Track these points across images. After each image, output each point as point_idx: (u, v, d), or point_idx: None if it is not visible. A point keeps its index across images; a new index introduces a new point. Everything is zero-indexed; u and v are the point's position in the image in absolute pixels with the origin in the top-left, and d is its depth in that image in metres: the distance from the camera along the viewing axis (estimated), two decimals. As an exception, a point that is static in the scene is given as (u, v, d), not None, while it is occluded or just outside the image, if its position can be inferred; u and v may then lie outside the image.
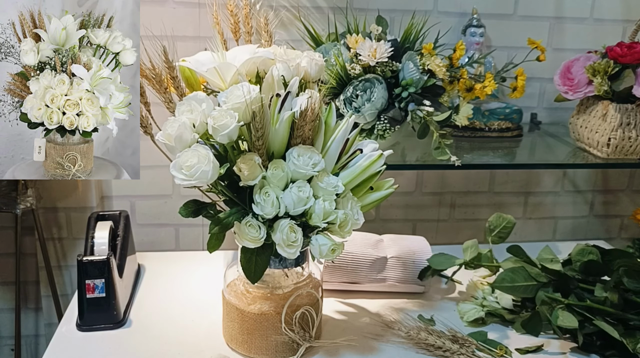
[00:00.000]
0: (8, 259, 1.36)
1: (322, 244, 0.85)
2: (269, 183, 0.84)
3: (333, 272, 1.14)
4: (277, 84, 0.88)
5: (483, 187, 1.52)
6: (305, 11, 1.30)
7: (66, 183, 1.31)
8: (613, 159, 1.23)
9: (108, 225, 1.10)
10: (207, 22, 1.24)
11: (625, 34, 1.44)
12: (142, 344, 0.99)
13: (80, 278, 1.00)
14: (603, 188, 1.59)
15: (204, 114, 0.84)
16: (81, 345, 0.99)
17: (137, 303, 1.12)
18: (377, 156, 0.89)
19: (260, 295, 0.97)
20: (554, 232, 1.59)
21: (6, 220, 1.34)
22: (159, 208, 1.39)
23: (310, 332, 0.97)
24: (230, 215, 0.86)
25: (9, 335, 1.43)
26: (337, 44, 1.17)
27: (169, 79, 0.95)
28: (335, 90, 1.13)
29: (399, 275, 1.15)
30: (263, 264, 0.88)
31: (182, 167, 0.81)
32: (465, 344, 0.98)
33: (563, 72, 1.26)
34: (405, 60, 1.12)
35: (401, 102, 1.11)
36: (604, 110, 1.21)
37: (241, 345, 0.97)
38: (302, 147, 0.86)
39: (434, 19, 1.30)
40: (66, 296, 1.38)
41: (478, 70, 1.34)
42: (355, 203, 0.89)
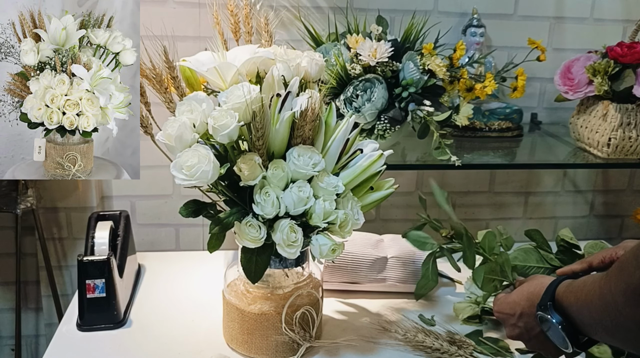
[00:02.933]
0: (8, 259, 1.36)
1: (322, 244, 0.85)
2: (269, 183, 0.84)
3: (333, 272, 1.14)
4: (277, 84, 0.88)
5: (483, 187, 1.52)
6: (306, 11, 1.30)
7: (66, 183, 1.31)
8: (613, 159, 1.23)
9: (108, 225, 1.10)
10: (207, 22, 1.24)
11: (625, 34, 1.44)
12: (142, 344, 0.99)
13: (81, 278, 1.00)
14: (603, 188, 1.59)
15: (204, 113, 0.84)
16: (81, 345, 0.99)
17: (137, 303, 1.12)
18: (377, 156, 0.89)
19: (261, 295, 0.97)
20: (554, 232, 1.59)
21: (6, 220, 1.33)
22: (159, 208, 1.39)
23: (310, 332, 0.97)
24: (231, 215, 0.86)
25: (9, 335, 1.42)
26: (337, 44, 1.17)
27: (169, 79, 0.95)
28: (336, 90, 1.13)
29: (399, 275, 1.15)
30: (263, 264, 0.88)
31: (183, 167, 0.81)
32: (464, 346, 0.98)
33: (563, 72, 1.26)
34: (406, 60, 1.12)
35: (401, 102, 1.11)
36: (604, 110, 1.21)
37: (241, 345, 0.97)
38: (303, 147, 0.86)
39: (434, 19, 1.30)
40: (66, 296, 1.38)
41: (478, 70, 1.34)
42: (356, 203, 0.89)
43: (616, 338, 0.61)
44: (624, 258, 0.57)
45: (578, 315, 0.67)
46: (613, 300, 0.58)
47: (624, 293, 0.56)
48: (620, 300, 0.56)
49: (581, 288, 0.66)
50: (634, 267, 0.54)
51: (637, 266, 0.54)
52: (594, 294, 0.62)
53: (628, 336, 0.58)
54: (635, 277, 0.54)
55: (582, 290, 0.66)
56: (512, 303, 0.81)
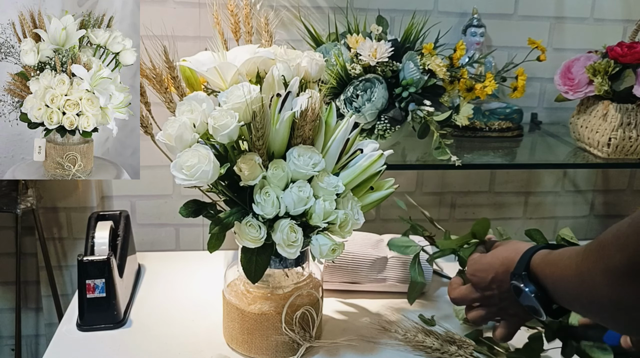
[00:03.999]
0: (8, 259, 1.36)
1: (322, 244, 0.85)
2: (269, 183, 0.84)
3: (333, 272, 1.14)
4: (277, 83, 0.88)
5: (483, 187, 1.52)
6: (306, 11, 1.30)
7: (66, 183, 1.31)
8: (613, 158, 1.23)
9: (108, 225, 1.10)
10: (207, 22, 1.24)
11: (625, 34, 1.44)
12: (142, 344, 0.99)
13: (81, 278, 1.00)
14: (603, 188, 1.59)
15: (204, 113, 0.84)
16: (81, 345, 0.99)
17: (137, 303, 1.12)
18: (377, 156, 0.89)
19: (261, 295, 0.97)
20: (554, 232, 1.59)
21: (6, 220, 1.33)
22: (159, 208, 1.39)
23: (310, 332, 0.97)
24: (231, 215, 0.86)
25: (9, 335, 1.42)
26: (337, 44, 1.17)
27: (169, 79, 0.95)
28: (336, 90, 1.13)
29: (399, 275, 1.15)
30: (263, 264, 0.87)
31: (183, 167, 0.81)
32: (463, 346, 0.98)
33: (563, 72, 1.26)
34: (406, 60, 1.12)
35: (401, 102, 1.11)
36: (605, 110, 1.21)
37: (241, 345, 0.97)
38: (303, 147, 0.86)
39: (434, 18, 1.30)
40: (66, 296, 1.38)
41: (478, 70, 1.34)
42: (356, 203, 0.89)
43: (590, 313, 0.63)
44: (604, 238, 0.57)
45: (553, 288, 0.67)
46: (590, 278, 0.58)
47: (603, 273, 0.56)
48: (599, 279, 0.56)
49: (557, 262, 0.66)
50: (615, 248, 0.54)
51: (617, 248, 0.54)
52: (571, 270, 0.62)
53: (602, 312, 0.59)
54: (616, 259, 0.54)
55: (558, 264, 0.66)
56: (486, 265, 0.81)
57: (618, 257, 0.54)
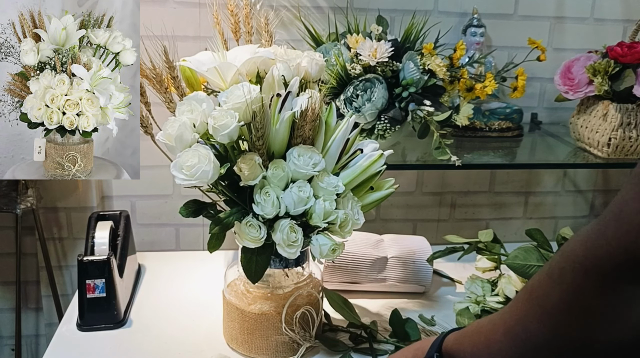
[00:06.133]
0: (8, 259, 1.36)
1: (322, 244, 0.85)
2: (270, 183, 0.84)
3: (333, 272, 1.14)
4: (277, 83, 0.88)
5: (483, 187, 1.52)
6: (306, 11, 1.30)
7: (66, 183, 1.31)
8: (613, 158, 1.23)
9: (108, 225, 1.10)
10: (207, 22, 1.24)
11: (625, 34, 1.44)
12: (142, 344, 0.99)
13: (81, 278, 1.00)
14: (603, 188, 1.59)
15: (204, 113, 0.84)
16: (81, 345, 0.99)
17: (138, 303, 1.12)
18: (377, 156, 0.89)
19: (261, 295, 0.97)
20: (555, 232, 1.59)
21: (6, 220, 1.33)
22: (159, 208, 1.39)
23: (310, 331, 0.97)
24: (231, 215, 0.86)
25: (9, 335, 1.42)
26: (337, 44, 1.17)
27: (169, 79, 0.95)
28: (336, 90, 1.13)
29: (400, 275, 1.15)
30: (263, 264, 0.87)
31: (183, 167, 0.81)
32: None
33: (563, 71, 1.26)
34: (406, 60, 1.12)
35: (401, 102, 1.11)
36: (605, 110, 1.21)
37: (241, 345, 0.97)
38: (303, 147, 0.86)
39: (434, 18, 1.29)
40: (66, 296, 1.38)
41: (478, 70, 1.34)
42: (356, 203, 0.89)
43: None
44: (531, 285, 0.54)
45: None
46: (524, 329, 0.54)
47: (538, 318, 0.53)
48: (534, 326, 0.53)
49: (476, 331, 0.62)
50: (549, 286, 0.51)
51: (552, 285, 0.51)
52: (497, 331, 0.58)
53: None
54: (554, 296, 0.51)
55: (479, 333, 0.62)
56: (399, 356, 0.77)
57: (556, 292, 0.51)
